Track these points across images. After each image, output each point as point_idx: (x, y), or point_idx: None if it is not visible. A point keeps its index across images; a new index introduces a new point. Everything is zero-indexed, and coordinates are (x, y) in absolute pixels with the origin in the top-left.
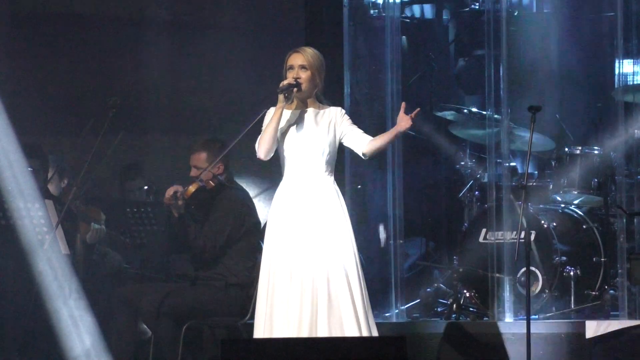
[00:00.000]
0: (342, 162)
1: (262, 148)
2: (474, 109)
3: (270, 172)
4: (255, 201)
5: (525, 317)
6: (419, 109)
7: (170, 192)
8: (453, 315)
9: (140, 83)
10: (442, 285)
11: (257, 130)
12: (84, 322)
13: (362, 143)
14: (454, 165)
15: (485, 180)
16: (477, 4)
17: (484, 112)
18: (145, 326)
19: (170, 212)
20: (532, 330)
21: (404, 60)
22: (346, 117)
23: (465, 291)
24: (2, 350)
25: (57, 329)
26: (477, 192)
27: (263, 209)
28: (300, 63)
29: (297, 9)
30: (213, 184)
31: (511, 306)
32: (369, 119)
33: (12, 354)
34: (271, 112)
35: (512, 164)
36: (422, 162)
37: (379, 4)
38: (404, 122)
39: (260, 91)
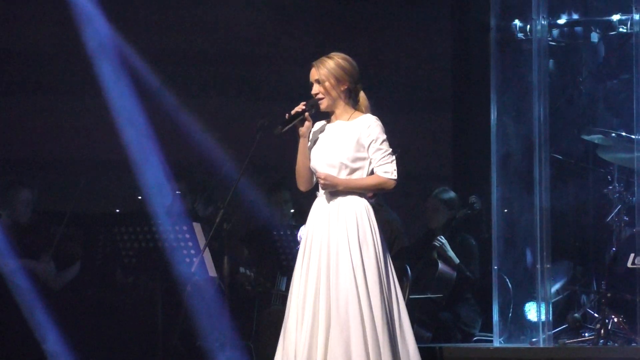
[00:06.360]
0: (488, 184)
1: (298, 181)
2: (622, 133)
3: (414, 196)
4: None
5: None
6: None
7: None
8: (601, 341)
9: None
10: (589, 310)
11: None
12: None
13: None
14: (601, 189)
15: (634, 204)
16: (626, 27)
17: (632, 136)
18: None
19: None
20: None
21: (552, 83)
22: (373, 132)
23: (613, 316)
24: None
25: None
26: (625, 217)
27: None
28: (316, 77)
29: (444, 33)
30: None
31: None
32: (515, 142)
33: None
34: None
35: None
36: (570, 186)
37: (526, 27)
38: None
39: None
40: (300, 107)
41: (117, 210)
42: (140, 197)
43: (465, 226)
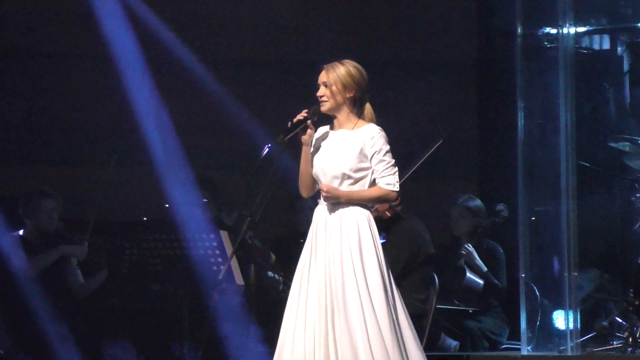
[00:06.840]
0: (515, 192)
1: (300, 187)
2: None
3: (440, 204)
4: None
5: None
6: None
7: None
8: (629, 349)
9: None
10: (617, 318)
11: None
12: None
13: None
14: (629, 197)
15: None
16: None
17: None
18: None
19: None
20: None
21: (578, 90)
22: (377, 143)
23: None
24: None
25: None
26: None
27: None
28: (324, 80)
29: (469, 40)
30: (389, 214)
31: None
32: (542, 150)
33: None
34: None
35: None
36: (596, 194)
37: (553, 34)
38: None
39: (430, 126)
40: (302, 114)
41: (145, 218)
42: (167, 205)
43: (492, 234)
